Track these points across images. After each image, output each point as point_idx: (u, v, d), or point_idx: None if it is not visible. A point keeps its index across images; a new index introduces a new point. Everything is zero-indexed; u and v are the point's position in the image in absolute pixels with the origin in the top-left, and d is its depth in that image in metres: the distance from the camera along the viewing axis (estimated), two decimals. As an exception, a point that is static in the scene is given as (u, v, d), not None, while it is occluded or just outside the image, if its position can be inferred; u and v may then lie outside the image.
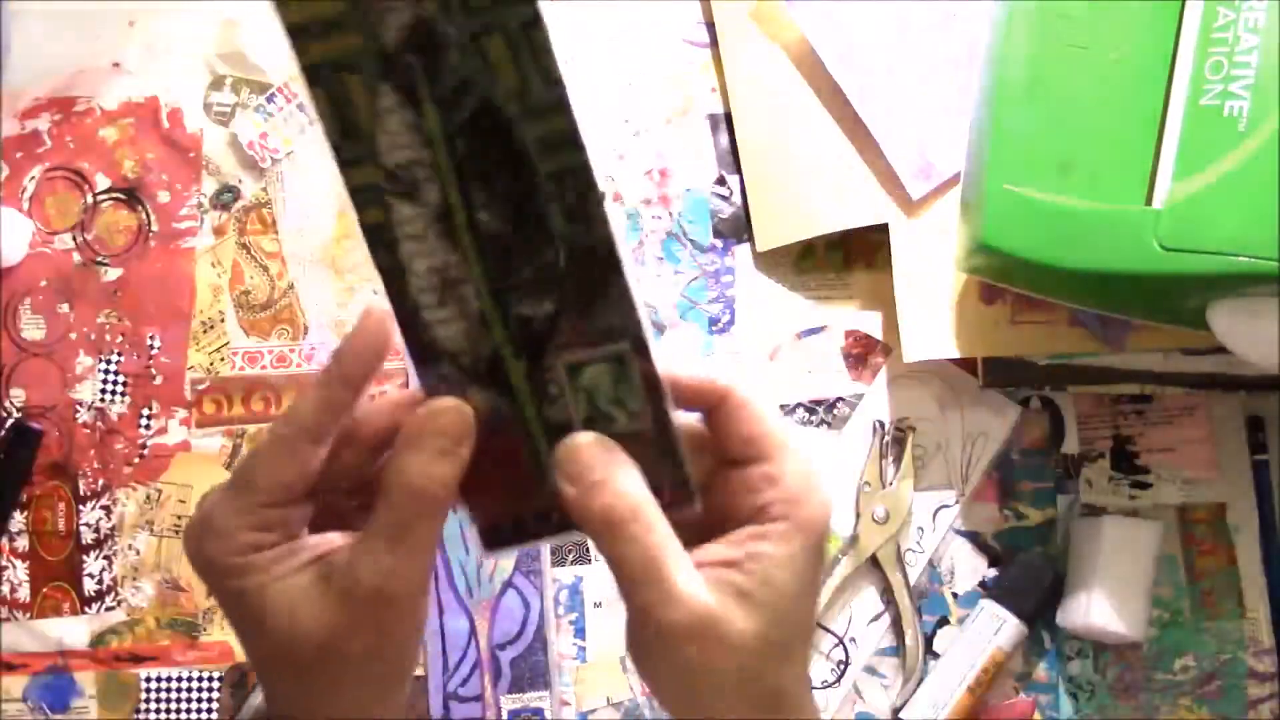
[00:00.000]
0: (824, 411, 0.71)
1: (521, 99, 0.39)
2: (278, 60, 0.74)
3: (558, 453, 0.41)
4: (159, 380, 0.73)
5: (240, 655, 0.71)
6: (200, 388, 0.73)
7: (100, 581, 0.71)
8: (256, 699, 0.70)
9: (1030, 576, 0.68)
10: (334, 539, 0.41)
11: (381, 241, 0.40)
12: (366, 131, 0.39)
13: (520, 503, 0.43)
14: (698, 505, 0.41)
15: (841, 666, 0.69)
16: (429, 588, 0.40)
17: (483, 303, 0.40)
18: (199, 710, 0.70)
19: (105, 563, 0.71)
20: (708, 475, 0.42)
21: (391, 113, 0.39)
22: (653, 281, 0.73)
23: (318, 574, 0.40)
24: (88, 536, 0.72)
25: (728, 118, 0.73)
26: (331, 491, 0.42)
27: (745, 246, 0.73)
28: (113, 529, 0.71)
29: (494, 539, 0.44)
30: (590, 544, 0.69)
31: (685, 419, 0.42)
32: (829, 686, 0.69)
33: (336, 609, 0.39)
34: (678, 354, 0.43)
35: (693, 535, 0.41)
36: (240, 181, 0.74)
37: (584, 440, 0.41)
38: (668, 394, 0.41)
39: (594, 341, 0.41)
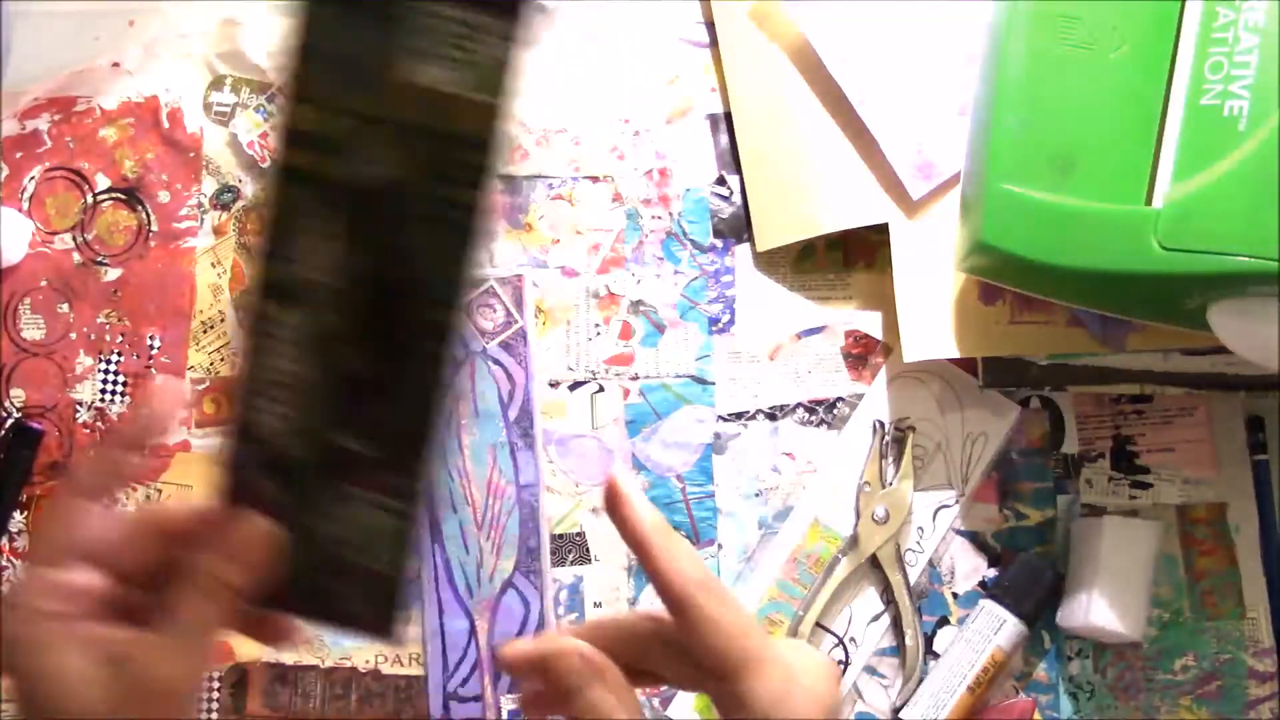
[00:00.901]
0: (824, 411, 0.71)
1: (437, 286, 0.43)
2: (278, 60, 0.74)
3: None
4: (159, 380, 0.73)
5: (240, 655, 0.71)
6: (200, 388, 0.73)
7: (100, 581, 0.71)
8: None
9: (1030, 576, 0.68)
10: (124, 632, 0.42)
11: (260, 329, 0.44)
12: (300, 241, 0.43)
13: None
14: (395, 640, 0.47)
15: (841, 666, 0.69)
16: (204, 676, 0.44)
17: (314, 420, 0.45)
18: (199, 710, 0.70)
19: (105, 563, 0.71)
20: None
21: (329, 239, 0.43)
22: (653, 281, 0.73)
23: (107, 661, 0.41)
24: (88, 536, 0.71)
25: (728, 118, 0.73)
26: (127, 583, 0.43)
27: (745, 246, 0.73)
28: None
29: None
30: (589, 545, 0.70)
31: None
32: (829, 686, 0.69)
33: (123, 698, 0.41)
34: (665, 544, 0.45)
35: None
36: (240, 181, 0.74)
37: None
38: (413, 551, 0.47)
39: (384, 491, 0.46)
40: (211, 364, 0.72)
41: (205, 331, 0.73)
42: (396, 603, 0.47)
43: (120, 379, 0.72)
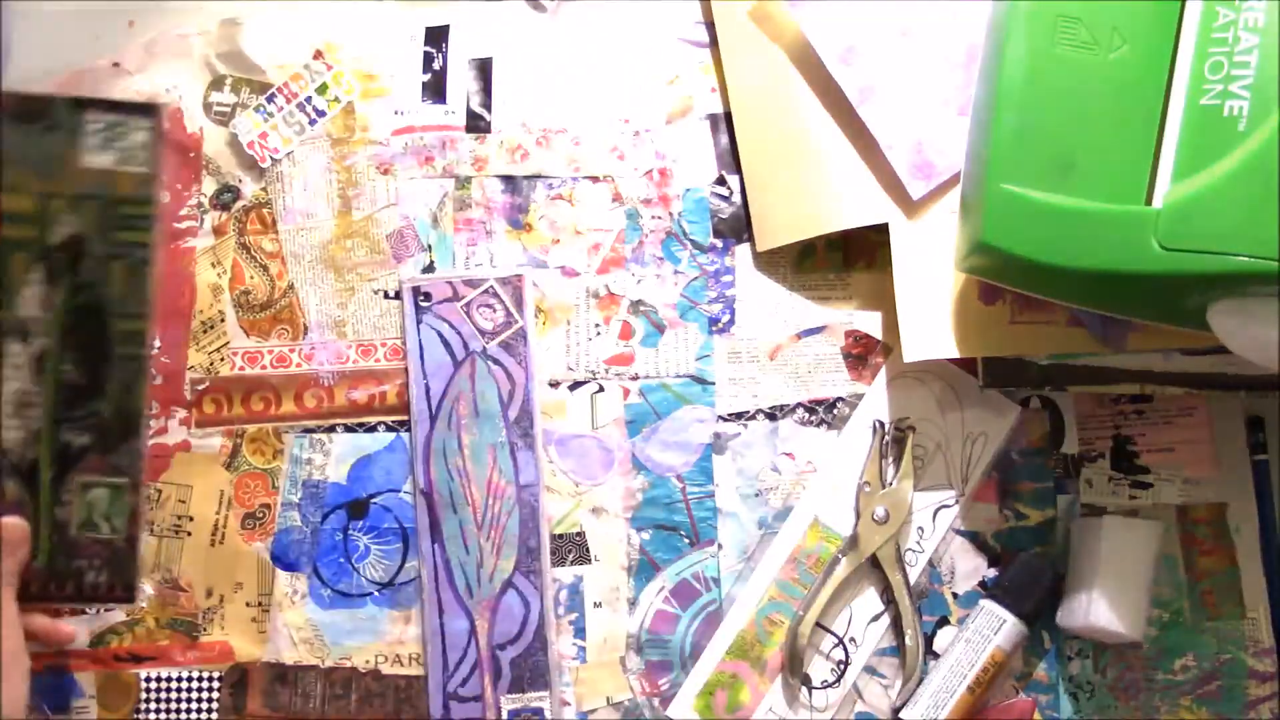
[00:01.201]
0: (824, 411, 0.71)
1: (121, 303, 0.62)
2: (278, 60, 0.74)
3: None
4: (159, 380, 0.73)
5: (240, 655, 0.71)
6: (200, 388, 0.73)
7: (100, 581, 0.71)
8: None
9: (1030, 576, 0.68)
10: None
11: None
12: (14, 289, 0.60)
13: None
14: (140, 604, 0.66)
15: (841, 666, 0.69)
16: (19, 647, 0.60)
17: (42, 425, 0.61)
18: (199, 710, 0.70)
19: (105, 563, 0.72)
20: None
21: (36, 284, 0.61)
22: (652, 281, 0.73)
23: None
24: (88, 536, 0.72)
25: (728, 118, 0.73)
26: None
27: (745, 246, 0.73)
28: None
29: None
30: (589, 545, 0.70)
31: None
32: (829, 686, 0.69)
33: None
34: None
35: None
36: (240, 181, 0.74)
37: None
38: (142, 522, 0.64)
39: (106, 472, 0.62)
40: (211, 364, 0.72)
41: (205, 331, 0.73)
42: (133, 567, 0.64)
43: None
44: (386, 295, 0.73)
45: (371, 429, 0.72)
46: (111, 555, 0.63)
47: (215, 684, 0.71)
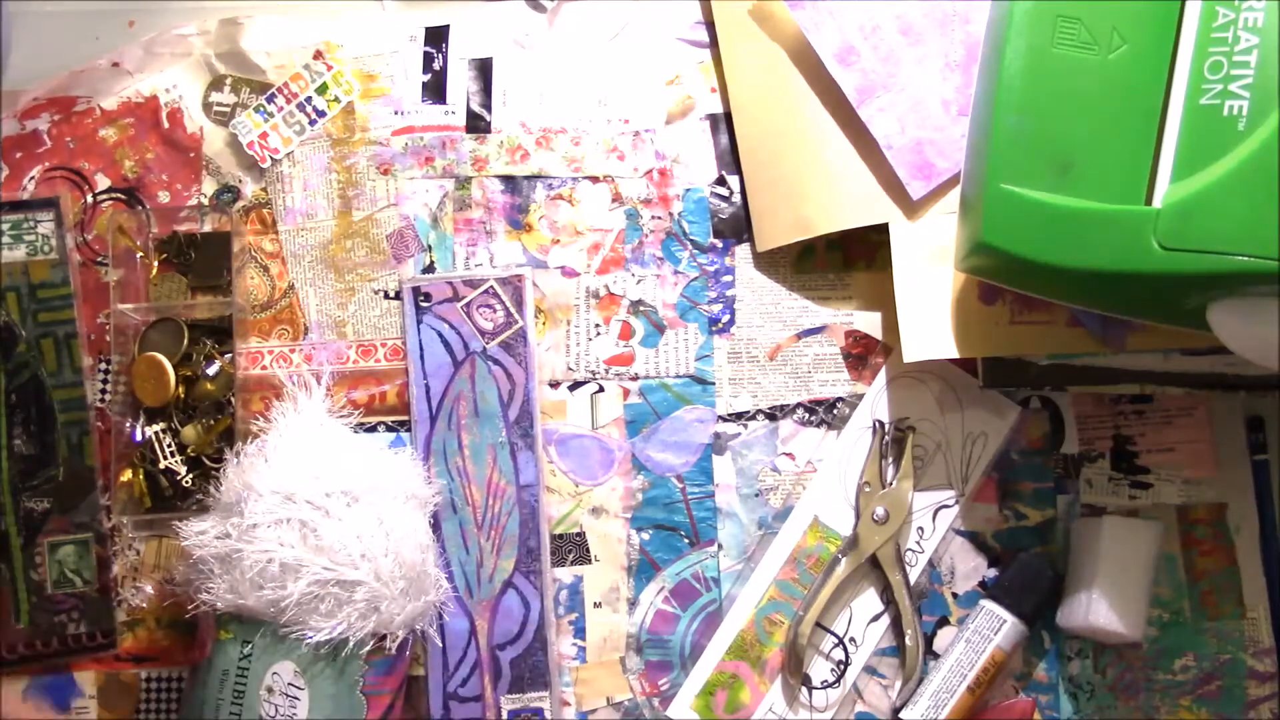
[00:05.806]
0: (824, 411, 0.71)
1: (56, 375, 0.69)
2: (278, 60, 0.74)
3: None
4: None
5: (240, 655, 0.71)
6: (200, 388, 0.73)
7: (100, 581, 0.71)
8: None
9: (1030, 576, 0.68)
10: None
11: None
12: None
13: None
14: (117, 648, 0.69)
15: (841, 666, 0.69)
16: None
17: (4, 497, 0.67)
18: (199, 710, 0.70)
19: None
20: None
21: None
22: (652, 281, 0.73)
23: None
24: (88, 536, 0.72)
25: (728, 118, 0.73)
26: None
27: (745, 246, 0.73)
28: (113, 529, 0.71)
29: None
30: (589, 545, 0.70)
31: None
32: (829, 686, 0.69)
33: None
34: None
35: None
36: (240, 181, 0.74)
37: None
38: (111, 568, 0.68)
39: (69, 530, 0.68)
40: (211, 364, 0.73)
41: (205, 331, 0.73)
42: (110, 614, 0.68)
43: (121, 379, 0.72)
44: (386, 295, 0.73)
45: (371, 429, 0.72)
46: (88, 606, 0.68)
47: (215, 684, 0.71)
